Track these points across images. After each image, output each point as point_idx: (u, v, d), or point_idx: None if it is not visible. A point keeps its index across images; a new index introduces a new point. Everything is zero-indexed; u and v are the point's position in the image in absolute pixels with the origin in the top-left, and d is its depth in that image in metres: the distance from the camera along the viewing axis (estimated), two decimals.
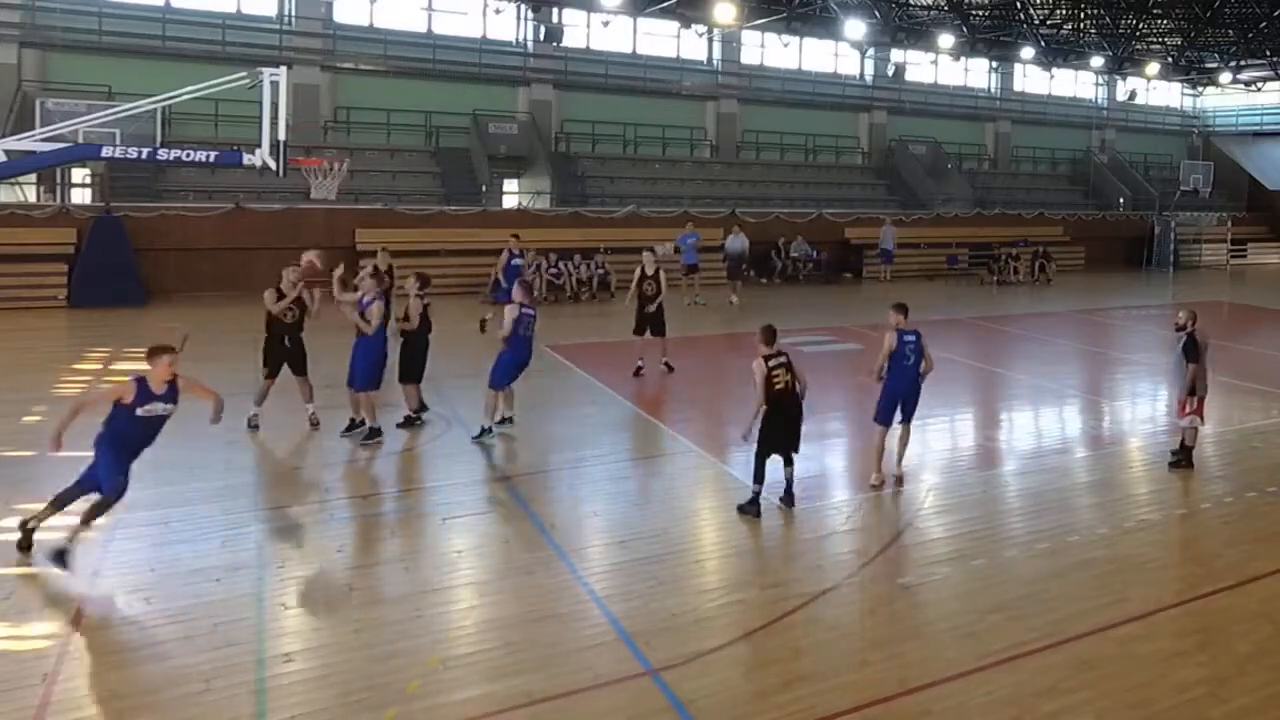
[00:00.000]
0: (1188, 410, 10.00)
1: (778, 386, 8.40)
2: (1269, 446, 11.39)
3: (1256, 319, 23.54)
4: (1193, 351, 9.88)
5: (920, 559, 7.65)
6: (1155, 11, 36.53)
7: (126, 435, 7.18)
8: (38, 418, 10.89)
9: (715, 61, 31.29)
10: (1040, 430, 12.46)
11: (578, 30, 28.56)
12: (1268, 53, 38.34)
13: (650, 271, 13.90)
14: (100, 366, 13.80)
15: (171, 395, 7.28)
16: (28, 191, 21.26)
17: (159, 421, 7.30)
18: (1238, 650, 6.33)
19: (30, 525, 7.19)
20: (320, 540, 7.81)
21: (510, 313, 10.51)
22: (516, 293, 10.86)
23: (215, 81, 12.92)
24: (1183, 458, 10.17)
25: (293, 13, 24.89)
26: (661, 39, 30.43)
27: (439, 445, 10.39)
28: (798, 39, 32.61)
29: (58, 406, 11.44)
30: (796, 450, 8.62)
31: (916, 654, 6.12)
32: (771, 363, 8.42)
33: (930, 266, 29.50)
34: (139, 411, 7.12)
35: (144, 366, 7.29)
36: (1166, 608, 6.91)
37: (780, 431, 8.48)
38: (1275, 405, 13.53)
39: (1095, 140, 40.28)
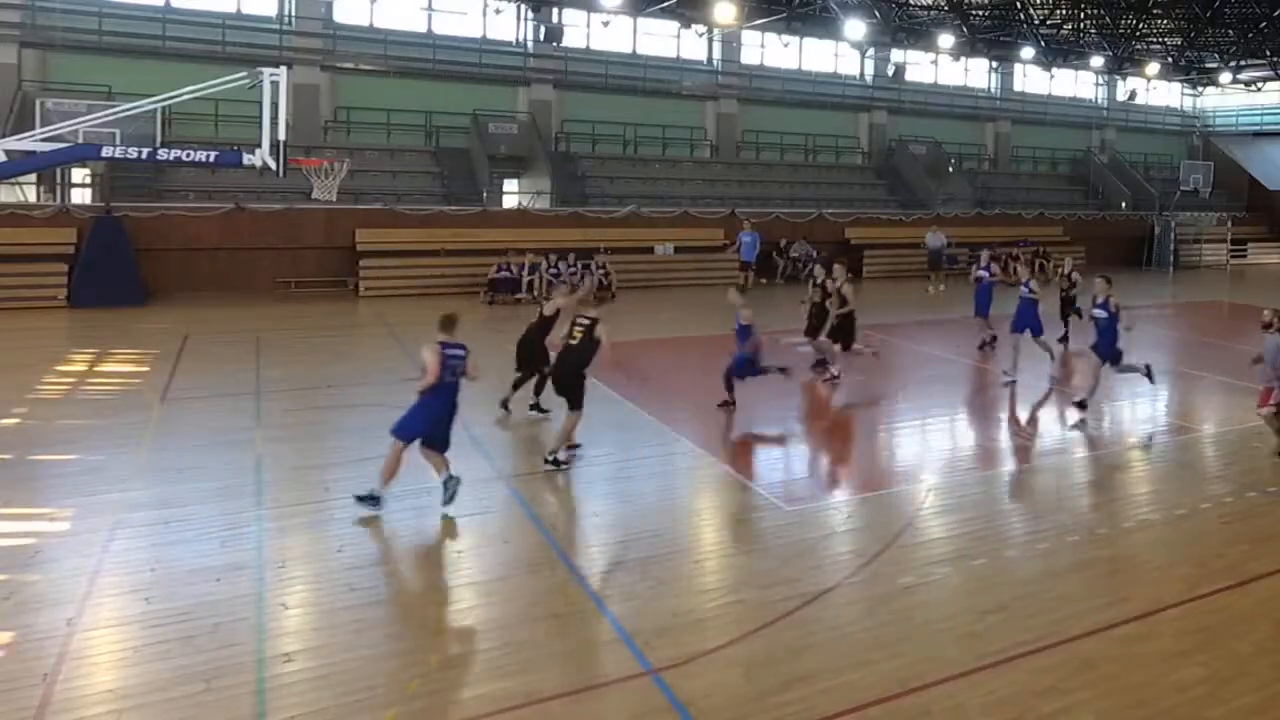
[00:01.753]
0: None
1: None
2: (1269, 446, 11.38)
3: (1256, 319, 23.47)
4: None
5: (920, 559, 7.65)
6: (1155, 11, 36.50)
7: None
8: (37, 420, 10.89)
9: (715, 61, 31.29)
10: (1040, 430, 12.45)
11: (578, 30, 28.56)
12: (1268, 53, 38.31)
13: None
14: (100, 366, 13.80)
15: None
16: (28, 191, 21.26)
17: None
18: (1238, 650, 6.33)
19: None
20: (320, 540, 7.80)
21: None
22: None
23: (215, 81, 12.94)
24: None
25: (293, 13, 24.89)
26: (661, 39, 30.43)
27: None
28: (798, 39, 32.61)
29: (55, 407, 11.50)
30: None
31: (916, 654, 6.12)
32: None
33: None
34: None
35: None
36: (1167, 608, 6.91)
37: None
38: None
39: (1095, 140, 40.29)
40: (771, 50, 32.35)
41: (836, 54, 33.70)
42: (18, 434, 10.24)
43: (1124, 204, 36.47)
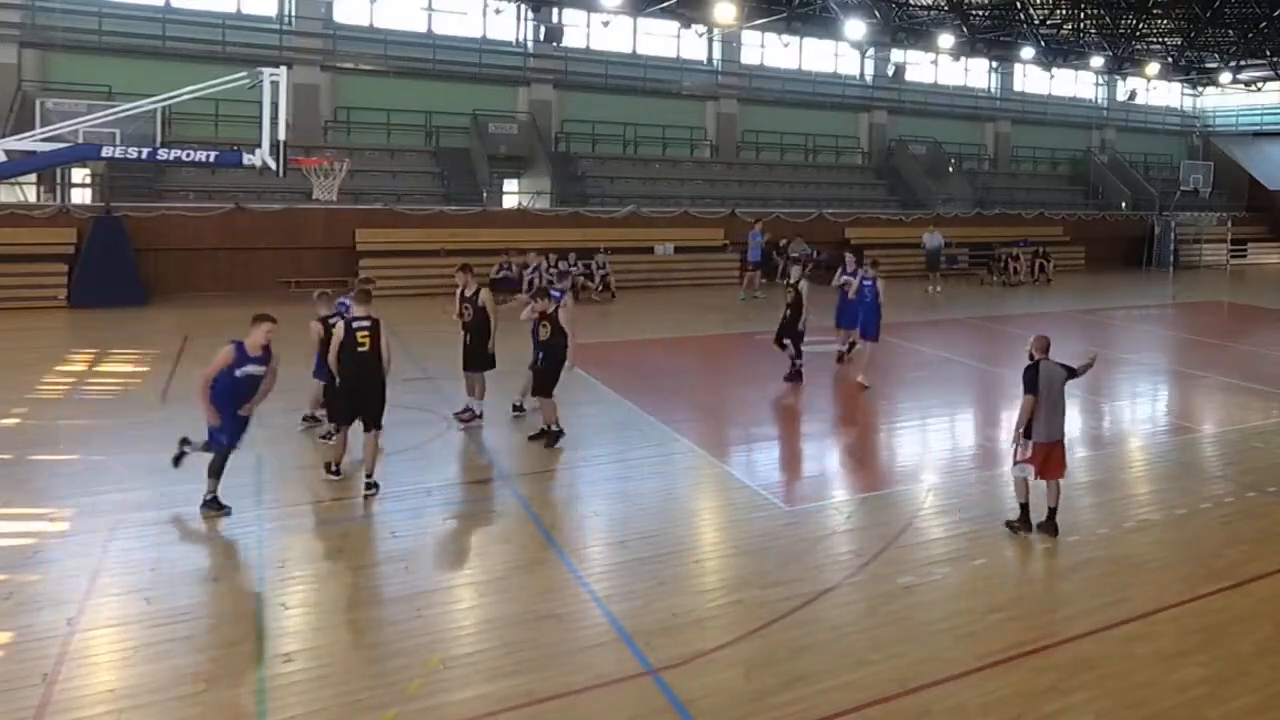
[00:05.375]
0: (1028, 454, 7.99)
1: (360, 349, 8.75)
2: (1269, 446, 11.39)
3: (1256, 319, 23.54)
4: (1034, 382, 8.09)
5: (920, 559, 7.65)
6: (1155, 11, 36.48)
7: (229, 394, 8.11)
8: (37, 420, 10.89)
9: (715, 61, 31.28)
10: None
11: (578, 30, 28.55)
12: (1268, 53, 38.30)
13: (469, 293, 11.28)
14: (100, 366, 13.79)
15: (264, 359, 8.20)
16: (28, 191, 21.25)
17: (254, 382, 8.23)
18: (1238, 650, 6.33)
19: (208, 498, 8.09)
20: (320, 540, 7.81)
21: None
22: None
23: (215, 81, 12.92)
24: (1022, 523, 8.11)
25: (293, 13, 24.88)
26: (661, 39, 30.42)
27: (439, 445, 10.40)
28: (798, 39, 32.59)
29: (55, 407, 11.50)
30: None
31: (916, 654, 6.12)
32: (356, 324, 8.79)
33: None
34: (237, 373, 8.10)
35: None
36: (1167, 608, 6.91)
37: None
38: (1275, 405, 13.53)
39: (1095, 140, 40.28)
40: (771, 50, 32.34)
41: (836, 54, 33.69)
42: (18, 434, 10.24)
43: (1124, 204, 36.48)
